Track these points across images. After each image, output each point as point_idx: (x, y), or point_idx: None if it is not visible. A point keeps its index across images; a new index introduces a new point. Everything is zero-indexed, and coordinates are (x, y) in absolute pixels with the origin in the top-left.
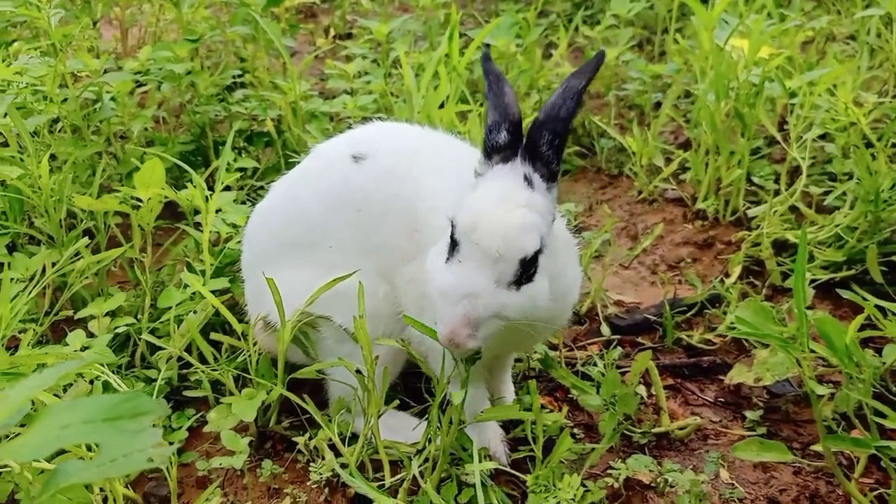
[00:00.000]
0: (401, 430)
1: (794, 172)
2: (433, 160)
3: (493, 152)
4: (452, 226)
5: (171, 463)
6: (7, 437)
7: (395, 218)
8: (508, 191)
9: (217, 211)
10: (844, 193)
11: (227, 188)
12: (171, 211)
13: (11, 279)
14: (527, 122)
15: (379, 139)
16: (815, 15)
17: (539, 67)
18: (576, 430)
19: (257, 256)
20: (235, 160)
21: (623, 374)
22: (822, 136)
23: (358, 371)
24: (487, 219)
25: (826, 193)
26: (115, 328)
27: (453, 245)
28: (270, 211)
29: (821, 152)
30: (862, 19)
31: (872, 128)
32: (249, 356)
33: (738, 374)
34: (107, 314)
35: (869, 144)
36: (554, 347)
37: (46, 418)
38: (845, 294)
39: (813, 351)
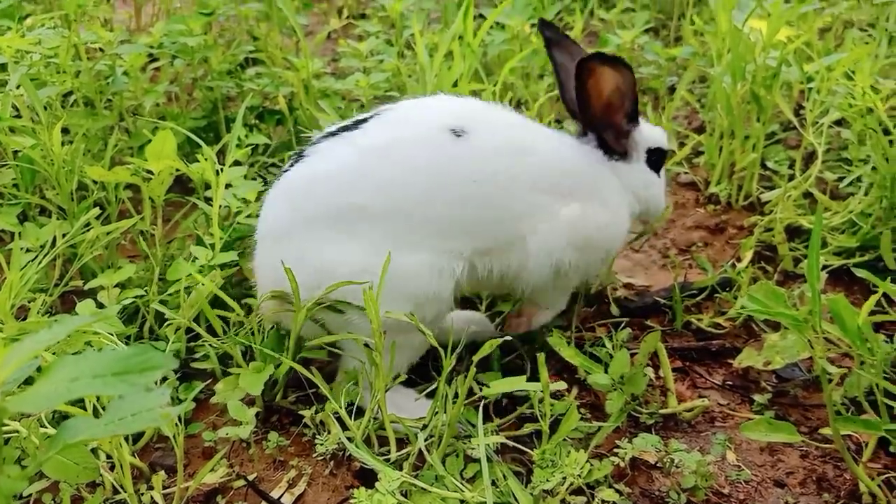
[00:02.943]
0: (406, 406)
1: (809, 158)
2: (531, 130)
3: None
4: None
5: (177, 432)
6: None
7: (527, 177)
8: None
9: (227, 186)
10: (860, 179)
11: (238, 163)
12: (182, 186)
13: (22, 248)
14: (538, 104)
15: (466, 115)
16: (833, 1)
17: None
18: (582, 410)
19: (306, 220)
20: (247, 136)
21: (632, 355)
22: (839, 122)
23: (366, 345)
24: None
25: (840, 179)
26: (124, 300)
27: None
28: (334, 176)
29: (837, 138)
30: (882, 5)
31: (890, 115)
32: (254, 330)
33: (748, 358)
34: (116, 286)
35: (886, 131)
36: (564, 328)
37: (55, 371)
38: (860, 272)
39: (825, 332)
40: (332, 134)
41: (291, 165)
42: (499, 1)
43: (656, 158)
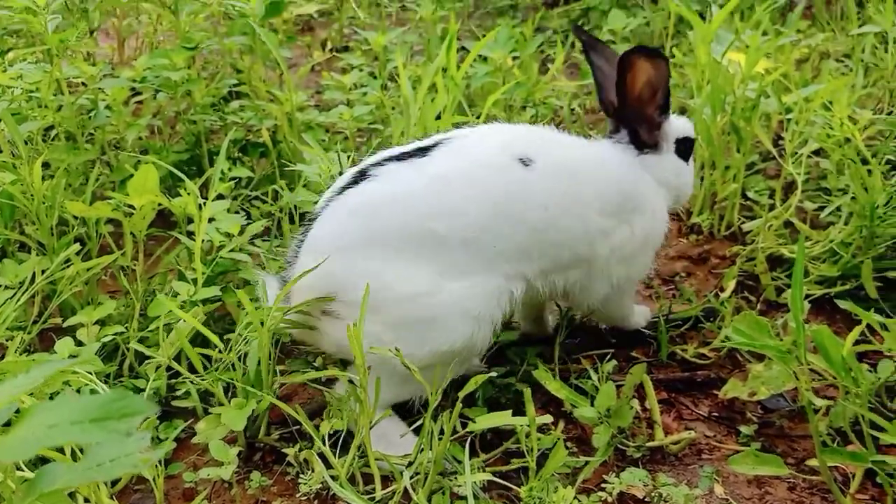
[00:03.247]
0: (392, 437)
1: (789, 188)
2: (585, 150)
3: None
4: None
5: (157, 473)
6: None
7: (591, 204)
8: None
9: (210, 220)
10: (839, 209)
11: (221, 197)
12: (164, 220)
13: (0, 286)
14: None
15: (529, 142)
16: (810, 34)
17: (535, 81)
18: (569, 444)
19: (370, 239)
20: (230, 169)
21: (617, 387)
22: (817, 152)
23: (350, 381)
24: None
25: (821, 209)
26: (104, 337)
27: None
28: (403, 199)
29: (815, 168)
30: (857, 37)
31: (867, 144)
32: (234, 365)
33: (733, 389)
34: (96, 323)
35: (864, 161)
36: (548, 360)
37: (32, 417)
38: (843, 304)
39: (809, 364)
40: (397, 158)
41: (354, 182)
42: (481, 34)
43: (686, 147)
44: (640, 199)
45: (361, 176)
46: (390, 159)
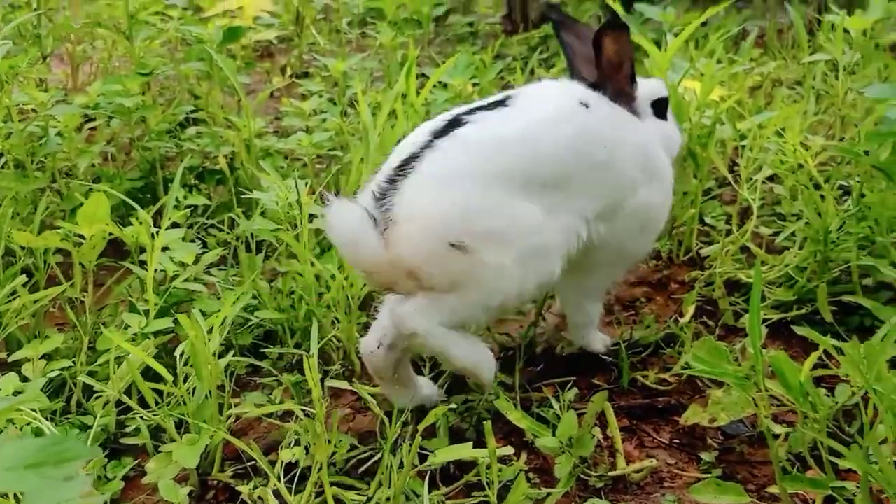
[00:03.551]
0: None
1: (745, 213)
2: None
3: None
4: None
5: None
6: None
7: (629, 153)
8: None
9: (164, 249)
10: (794, 234)
11: (176, 225)
12: (117, 249)
13: None
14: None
15: (581, 90)
16: (762, 62)
17: None
18: (531, 475)
19: (502, 172)
20: (185, 197)
21: (579, 415)
22: (772, 178)
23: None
24: None
25: (776, 234)
26: (51, 371)
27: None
28: (517, 141)
29: (770, 193)
30: (808, 65)
31: (820, 170)
32: (185, 399)
33: (693, 415)
34: (42, 357)
35: (818, 186)
36: (509, 388)
37: None
38: (800, 331)
39: (768, 390)
40: (485, 108)
41: (450, 126)
42: (441, 60)
43: (662, 107)
44: (660, 166)
45: (456, 122)
46: (478, 109)
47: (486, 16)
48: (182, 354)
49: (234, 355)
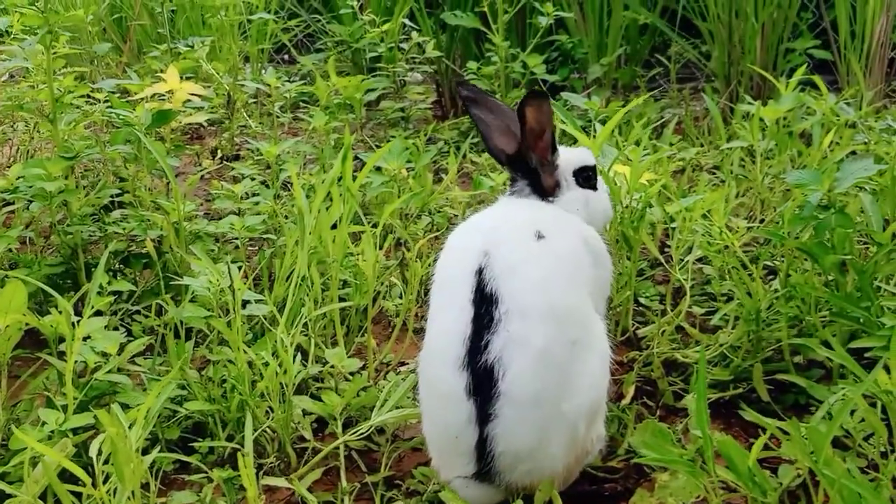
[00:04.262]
0: None
1: (677, 293)
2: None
3: None
4: None
5: None
6: None
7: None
8: None
9: (85, 339)
10: (726, 314)
11: (99, 313)
12: (34, 339)
13: None
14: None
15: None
16: (682, 147)
17: (430, 191)
18: None
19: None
20: (110, 283)
21: None
22: (701, 259)
23: None
24: None
25: (709, 313)
26: None
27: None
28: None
29: (700, 274)
30: (726, 151)
31: (745, 251)
32: (105, 500)
33: (641, 501)
34: None
35: (745, 266)
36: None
37: None
38: (748, 416)
39: (718, 475)
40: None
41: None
42: (374, 144)
43: (587, 175)
44: (597, 245)
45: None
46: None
47: (417, 101)
48: (100, 452)
49: (160, 450)
